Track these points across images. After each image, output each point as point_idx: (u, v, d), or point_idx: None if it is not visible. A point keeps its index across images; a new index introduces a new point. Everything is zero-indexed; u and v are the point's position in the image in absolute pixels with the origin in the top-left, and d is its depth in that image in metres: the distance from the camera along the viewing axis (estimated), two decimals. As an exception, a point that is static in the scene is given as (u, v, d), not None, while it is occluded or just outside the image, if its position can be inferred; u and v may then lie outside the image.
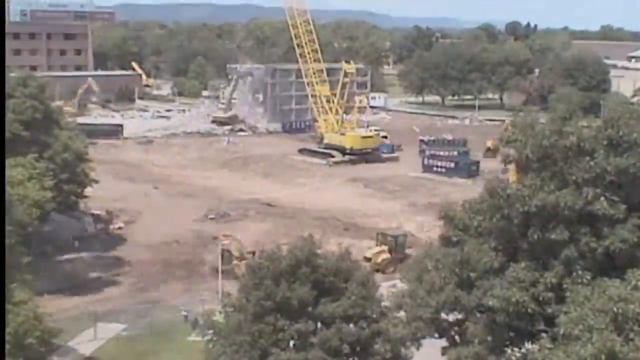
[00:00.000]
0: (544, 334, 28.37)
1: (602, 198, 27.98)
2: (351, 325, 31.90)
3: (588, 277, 27.25)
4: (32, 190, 46.33)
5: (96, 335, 48.16)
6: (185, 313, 51.11)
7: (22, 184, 44.84)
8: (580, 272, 27.70)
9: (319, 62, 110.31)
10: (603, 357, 22.72)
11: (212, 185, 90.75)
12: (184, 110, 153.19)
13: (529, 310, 28.11)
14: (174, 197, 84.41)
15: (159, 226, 71.83)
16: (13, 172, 43.85)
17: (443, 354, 32.42)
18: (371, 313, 32.73)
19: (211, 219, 74.63)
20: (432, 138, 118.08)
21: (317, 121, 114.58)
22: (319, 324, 31.91)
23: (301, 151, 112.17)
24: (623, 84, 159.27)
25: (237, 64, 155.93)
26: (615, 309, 23.54)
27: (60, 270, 58.69)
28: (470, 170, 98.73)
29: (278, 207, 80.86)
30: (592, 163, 28.51)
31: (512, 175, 32.40)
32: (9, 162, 42.63)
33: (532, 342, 29.45)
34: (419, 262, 33.36)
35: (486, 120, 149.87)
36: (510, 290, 27.87)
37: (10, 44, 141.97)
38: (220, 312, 36.20)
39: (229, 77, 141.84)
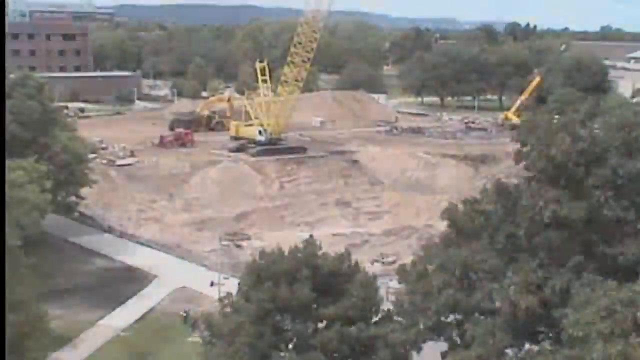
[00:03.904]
0: (543, 335, 28.35)
1: (613, 202, 27.89)
2: (352, 327, 31.85)
3: (593, 281, 27.05)
4: (32, 194, 46.16)
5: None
6: (184, 313, 51.04)
7: (22, 187, 44.62)
8: (588, 275, 27.50)
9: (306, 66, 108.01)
10: None
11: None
12: None
13: (534, 313, 28.03)
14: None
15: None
16: (13, 174, 43.67)
17: (443, 357, 32.31)
18: (371, 315, 32.67)
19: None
20: None
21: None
22: (319, 326, 31.85)
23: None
24: (622, 85, 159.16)
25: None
26: (620, 312, 23.38)
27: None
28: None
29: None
30: (601, 168, 28.43)
31: None
32: (9, 164, 42.46)
33: (532, 344, 29.39)
34: (417, 264, 33.21)
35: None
36: (518, 292, 27.68)
37: (9, 45, 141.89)
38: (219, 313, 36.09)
39: None
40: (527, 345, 30.38)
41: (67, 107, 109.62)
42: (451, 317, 32.21)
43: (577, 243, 28.19)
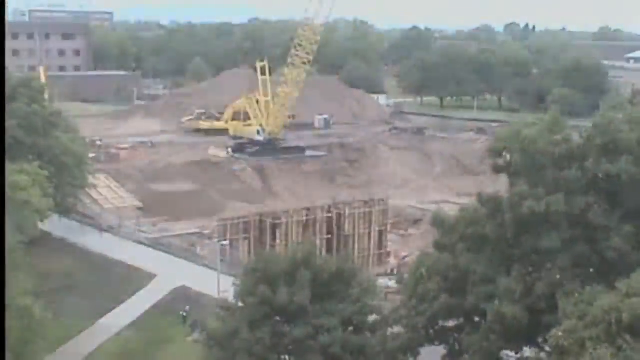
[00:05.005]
0: (540, 339, 28.46)
1: (596, 207, 28.02)
2: (351, 328, 31.77)
3: (579, 288, 27.05)
4: (34, 197, 46.18)
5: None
6: (184, 313, 51.16)
7: (25, 190, 44.63)
8: (571, 282, 27.62)
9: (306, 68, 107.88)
10: None
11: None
12: None
13: (524, 322, 28.11)
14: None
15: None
16: (17, 177, 43.69)
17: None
18: (372, 320, 32.56)
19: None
20: None
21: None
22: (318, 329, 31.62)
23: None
24: (621, 85, 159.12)
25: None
26: (607, 319, 23.35)
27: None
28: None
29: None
30: (582, 170, 28.54)
31: None
32: (12, 167, 42.52)
33: (530, 347, 29.48)
34: (414, 270, 33.28)
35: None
36: (502, 304, 27.85)
37: (8, 44, 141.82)
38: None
39: None
40: (525, 351, 30.55)
41: None
42: (450, 323, 32.35)
43: (560, 243, 28.29)
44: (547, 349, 27.33)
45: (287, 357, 31.44)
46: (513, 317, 27.57)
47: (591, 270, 28.61)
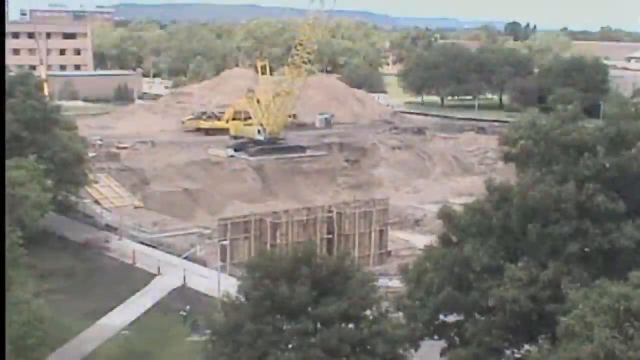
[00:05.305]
0: (542, 335, 28.36)
1: (602, 194, 28.10)
2: (351, 325, 31.91)
3: (585, 276, 27.21)
4: (33, 192, 46.18)
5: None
6: (184, 313, 51.16)
7: (23, 185, 44.65)
8: (577, 272, 27.69)
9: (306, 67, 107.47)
10: (602, 355, 22.65)
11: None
12: None
13: (526, 309, 28.10)
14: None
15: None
16: (15, 173, 43.67)
17: (442, 355, 32.41)
18: (371, 314, 32.75)
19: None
20: None
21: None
22: (318, 324, 31.88)
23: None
24: (622, 85, 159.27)
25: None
26: (617, 306, 23.42)
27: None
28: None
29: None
30: (592, 160, 28.68)
31: None
32: (10, 162, 42.50)
33: (531, 344, 29.44)
34: (418, 263, 33.34)
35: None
36: (506, 289, 27.90)
37: (9, 43, 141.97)
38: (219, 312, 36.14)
39: None
40: (526, 346, 30.49)
41: None
42: (450, 317, 32.36)
43: (571, 230, 28.26)
44: (546, 346, 27.25)
45: (287, 353, 31.50)
46: (514, 301, 27.53)
47: (598, 263, 28.60)
